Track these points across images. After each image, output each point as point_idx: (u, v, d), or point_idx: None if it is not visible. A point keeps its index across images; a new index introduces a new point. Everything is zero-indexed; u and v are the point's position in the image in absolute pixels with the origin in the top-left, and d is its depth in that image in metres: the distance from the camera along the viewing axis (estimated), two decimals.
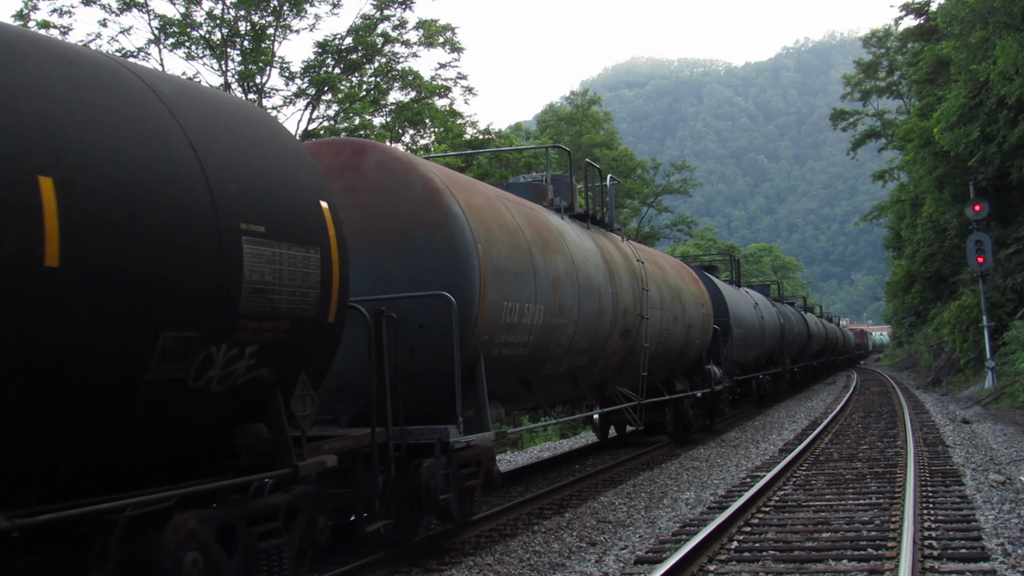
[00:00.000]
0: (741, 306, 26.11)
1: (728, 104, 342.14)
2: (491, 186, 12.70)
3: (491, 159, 39.01)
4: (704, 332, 20.08)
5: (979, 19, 28.32)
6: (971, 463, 14.91)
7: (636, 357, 15.23)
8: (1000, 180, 31.65)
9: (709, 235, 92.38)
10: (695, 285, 20.39)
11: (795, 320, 38.88)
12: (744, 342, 25.84)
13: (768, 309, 31.74)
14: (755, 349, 28.19)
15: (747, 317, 26.49)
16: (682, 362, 19.22)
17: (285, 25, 32.37)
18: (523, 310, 10.60)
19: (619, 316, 14.01)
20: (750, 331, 26.75)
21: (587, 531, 10.87)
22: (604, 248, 14.45)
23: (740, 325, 24.92)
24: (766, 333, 29.78)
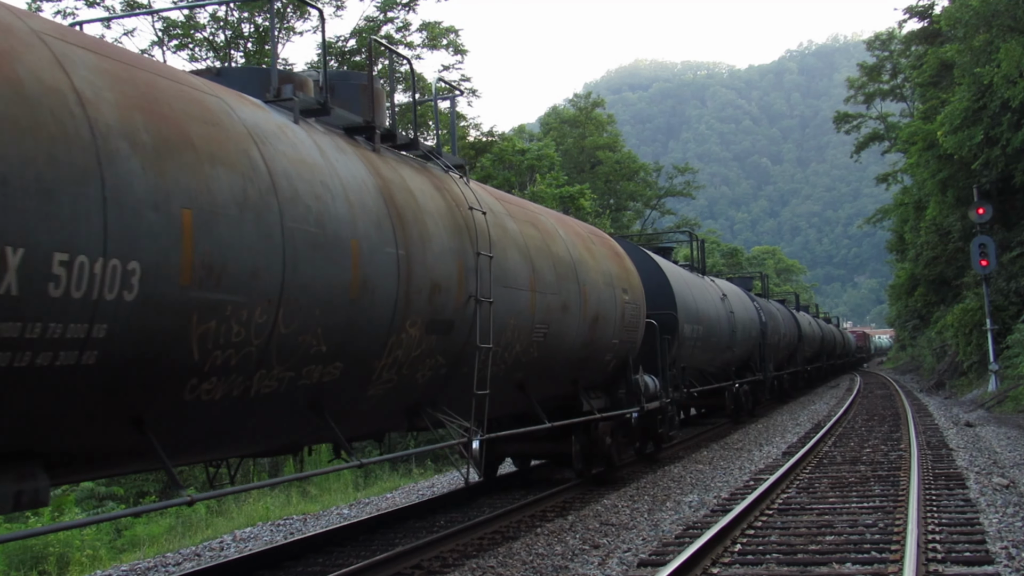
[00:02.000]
0: (700, 297, 21.03)
1: (731, 107, 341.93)
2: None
3: (493, 161, 39.02)
4: (628, 328, 14.68)
5: (983, 22, 28.31)
6: (975, 466, 14.89)
7: (469, 364, 9.76)
8: (1004, 183, 31.65)
9: (712, 238, 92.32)
10: (614, 263, 14.80)
11: (782, 319, 34.43)
12: (705, 344, 20.98)
13: (743, 305, 26.96)
14: (723, 353, 23.42)
15: (709, 312, 21.51)
16: (589, 371, 13.77)
17: (289, 27, 32.42)
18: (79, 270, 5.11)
19: (416, 295, 8.53)
20: (713, 330, 21.75)
21: (590, 533, 10.86)
22: (391, 183, 8.73)
23: (696, 321, 19.95)
24: (738, 333, 24.82)
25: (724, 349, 23.38)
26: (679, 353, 18.46)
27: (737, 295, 26.89)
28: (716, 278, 27.55)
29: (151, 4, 30.46)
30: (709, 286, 23.40)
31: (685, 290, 19.66)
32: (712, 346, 21.91)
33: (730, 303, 24.50)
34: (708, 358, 22.01)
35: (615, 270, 14.62)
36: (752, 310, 27.88)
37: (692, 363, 20.30)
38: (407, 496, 15.32)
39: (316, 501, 16.33)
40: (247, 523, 13.82)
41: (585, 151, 62.47)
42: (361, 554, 10.56)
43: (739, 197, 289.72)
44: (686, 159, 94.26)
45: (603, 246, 15.00)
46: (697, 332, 20.09)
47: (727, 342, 23.54)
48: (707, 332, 21.14)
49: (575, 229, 14.25)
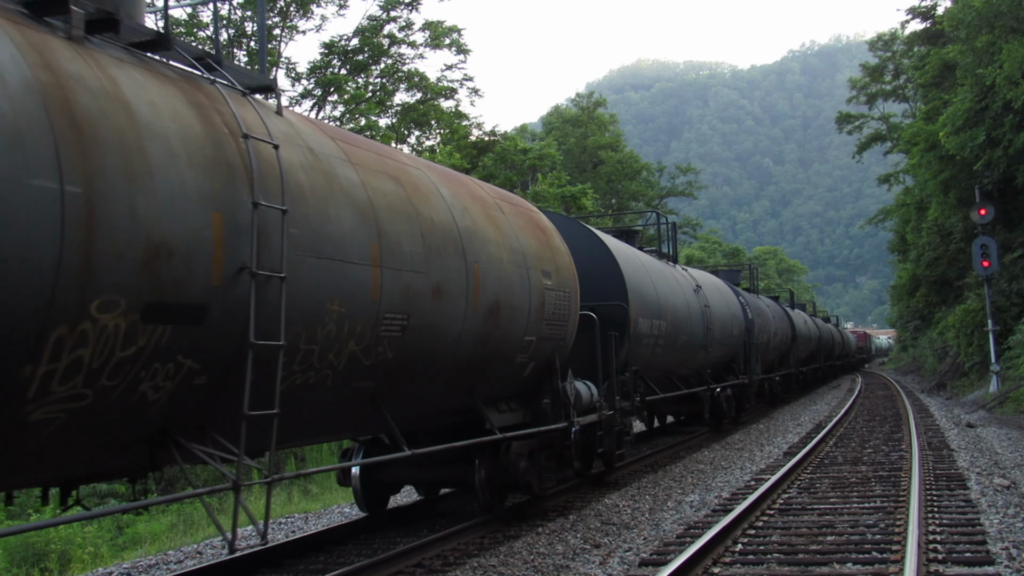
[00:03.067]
0: (664, 288, 17.93)
1: (733, 107, 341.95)
2: None
3: (495, 160, 39.04)
4: (553, 322, 11.66)
5: (985, 23, 28.32)
6: (976, 467, 14.89)
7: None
8: (1006, 184, 31.64)
9: (714, 238, 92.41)
10: (531, 238, 11.64)
11: (773, 317, 31.53)
12: (670, 343, 17.93)
13: (724, 299, 23.77)
14: (696, 353, 20.30)
15: (676, 305, 18.37)
16: (492, 377, 10.80)
17: (292, 26, 32.45)
18: None
19: (111, 261, 5.50)
20: (681, 326, 18.63)
21: (591, 533, 10.87)
22: (75, 83, 5.58)
23: (657, 316, 16.96)
24: (717, 331, 21.69)
25: (697, 349, 20.28)
26: (633, 354, 15.56)
27: (716, 288, 23.66)
28: (691, 268, 24.46)
29: (154, 3, 30.46)
30: (679, 276, 20.30)
31: (643, 278, 16.58)
32: (681, 346, 18.85)
33: (706, 296, 21.36)
34: (676, 359, 19.00)
35: (532, 247, 11.32)
36: (735, 305, 24.77)
37: (652, 365, 17.32)
38: (409, 495, 15.33)
39: (317, 499, 16.35)
40: (248, 521, 13.85)
41: (587, 151, 62.49)
42: (363, 552, 10.58)
43: (741, 197, 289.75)
44: (688, 159, 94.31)
45: (517, 216, 11.64)
46: (658, 329, 16.95)
47: (701, 341, 20.38)
48: (673, 329, 17.93)
49: (472, 191, 10.85)
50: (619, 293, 15.23)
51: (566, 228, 14.57)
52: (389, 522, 12.26)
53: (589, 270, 14.32)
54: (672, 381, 19.54)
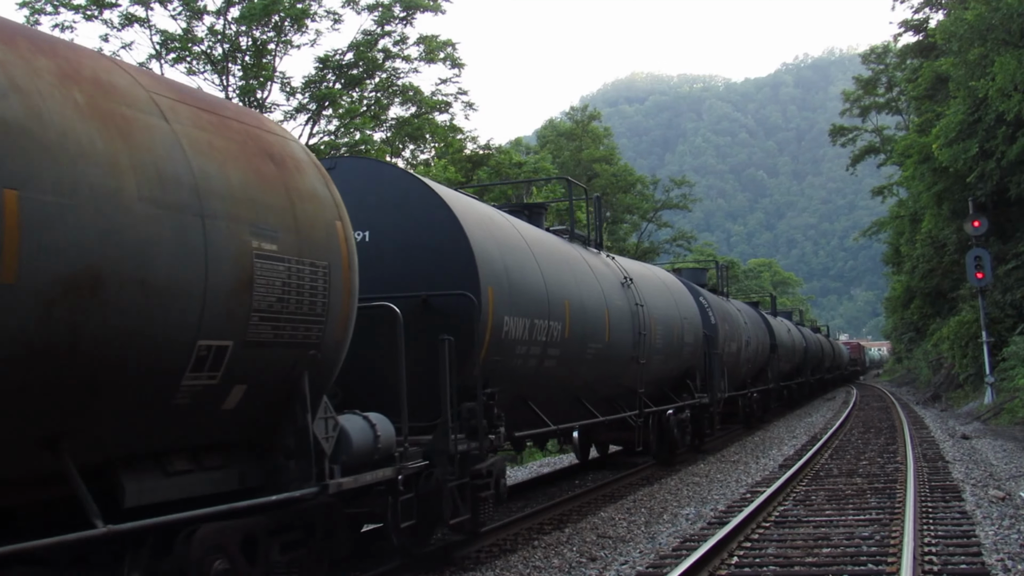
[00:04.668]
0: (557, 276, 12.69)
1: (727, 120, 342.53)
2: None
3: (490, 174, 39.13)
4: (294, 318, 6.92)
5: (978, 36, 28.42)
6: (971, 479, 14.91)
7: None
8: (999, 196, 31.74)
9: (708, 250, 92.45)
10: (240, 167, 6.69)
11: (747, 323, 27.39)
12: (571, 352, 12.78)
13: (673, 299, 19.07)
14: (621, 368, 15.27)
15: (580, 302, 13.23)
16: (112, 411, 5.69)
17: (286, 40, 32.50)
18: None
19: None
20: (593, 331, 13.62)
21: (587, 546, 10.87)
22: None
23: (540, 314, 11.62)
24: (658, 338, 17.06)
25: (624, 362, 15.26)
26: (495, 369, 10.48)
27: (660, 284, 18.91)
28: (624, 258, 19.07)
29: (149, 18, 30.55)
30: (599, 265, 15.22)
31: (517, 260, 11.41)
32: (593, 358, 13.66)
33: (638, 293, 16.33)
34: (586, 376, 13.83)
35: (236, 184, 6.53)
36: (690, 308, 20.27)
37: (540, 385, 12.13)
38: None
39: None
40: None
41: (582, 164, 62.51)
42: (359, 566, 10.56)
43: (735, 210, 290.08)
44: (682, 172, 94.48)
45: (221, 133, 6.74)
46: (546, 333, 11.82)
47: (628, 351, 15.34)
48: (576, 335, 12.88)
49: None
50: (464, 277, 9.97)
51: (368, 176, 10.50)
52: None
53: (414, 242, 10.11)
54: (583, 405, 13.98)
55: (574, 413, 13.92)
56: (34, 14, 29.42)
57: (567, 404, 13.61)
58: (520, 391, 11.66)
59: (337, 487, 7.35)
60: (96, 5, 29.78)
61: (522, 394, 11.78)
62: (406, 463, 8.53)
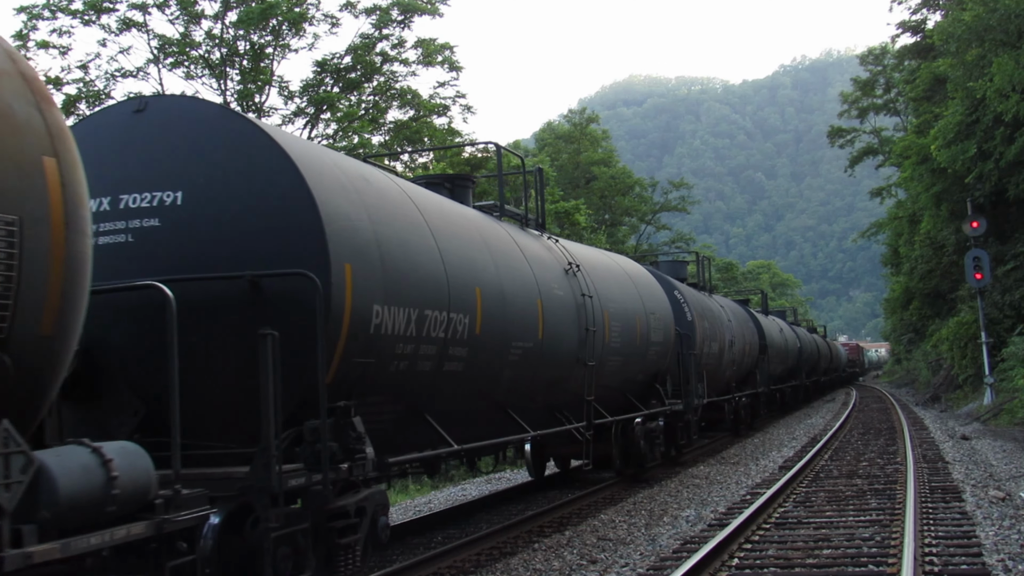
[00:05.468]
0: (467, 257, 10.23)
1: (726, 122, 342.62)
2: None
3: (489, 177, 39.08)
4: None
5: (975, 37, 28.42)
6: (971, 479, 14.91)
7: None
8: (997, 197, 31.73)
9: (707, 252, 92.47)
10: None
11: (730, 321, 25.03)
12: (476, 354, 10.03)
13: (634, 292, 16.22)
14: (567, 372, 12.80)
15: (500, 289, 10.70)
16: None
17: (284, 44, 32.53)
18: None
19: None
20: (521, 328, 11.16)
21: (588, 549, 10.86)
22: None
23: (436, 304, 9.19)
24: (609, 335, 14.29)
25: (563, 365, 12.57)
26: (365, 374, 8.14)
27: (620, 275, 16.23)
28: (571, 242, 15.96)
29: (147, 23, 30.56)
30: (530, 247, 12.59)
31: (405, 232, 9.01)
32: (518, 358, 11.01)
33: (587, 282, 13.70)
34: (509, 382, 11.08)
35: None
36: (660, 303, 17.58)
37: (435, 393, 9.47)
38: (403, 512, 15.30)
39: None
40: None
41: (580, 166, 62.55)
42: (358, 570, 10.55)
43: (734, 212, 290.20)
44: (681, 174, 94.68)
45: None
46: (450, 329, 9.33)
47: (571, 351, 12.75)
48: (495, 330, 10.36)
49: None
50: (306, 251, 7.44)
51: (186, 119, 7.96)
52: None
53: (242, 205, 7.57)
54: (510, 417, 11.29)
55: (498, 427, 11.16)
56: (32, 19, 29.43)
57: (487, 416, 10.97)
58: (410, 402, 9.00)
59: (24, 560, 4.53)
60: (94, 10, 29.80)
61: (415, 406, 9.11)
62: (175, 513, 5.73)
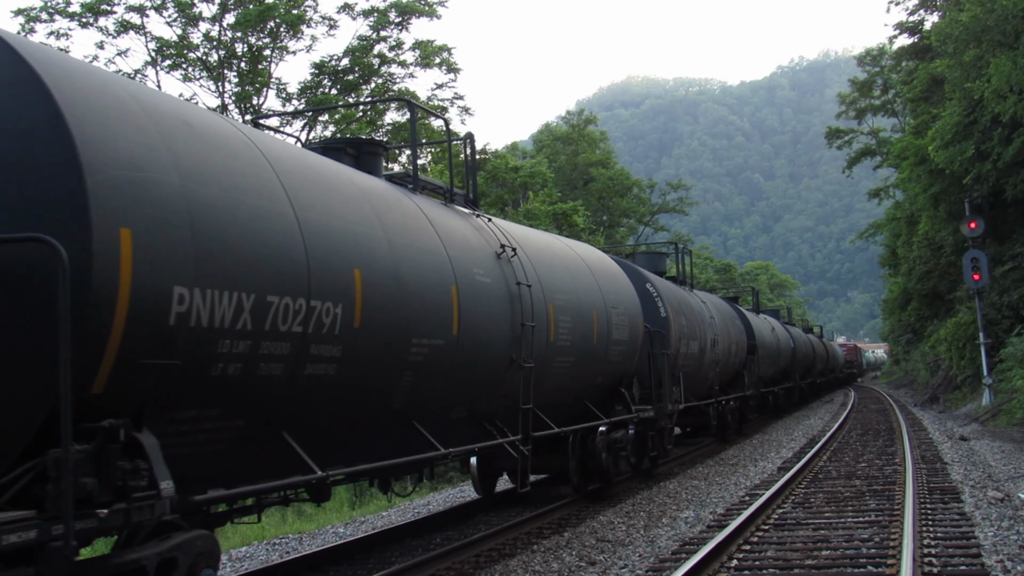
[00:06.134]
0: (370, 238, 8.30)
1: (723, 123, 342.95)
2: None
3: (486, 178, 39.07)
4: None
5: (973, 37, 28.44)
6: (969, 480, 14.91)
7: None
8: (995, 198, 31.74)
9: (705, 253, 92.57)
10: None
11: (713, 319, 22.94)
12: (351, 356, 7.70)
13: (590, 281, 13.97)
14: (497, 376, 10.57)
15: (408, 273, 8.72)
16: None
17: (282, 46, 32.51)
18: None
19: None
20: (422, 319, 8.88)
21: (586, 550, 10.86)
22: None
23: (291, 289, 6.93)
24: (562, 334, 12.29)
25: (490, 367, 10.36)
26: (172, 380, 6.03)
27: (574, 261, 14.01)
28: (507, 222, 13.47)
29: (144, 25, 30.55)
30: (449, 224, 10.35)
31: (240, 192, 6.79)
32: (423, 359, 8.84)
33: (526, 268, 11.53)
34: (410, 388, 8.84)
35: None
36: (628, 296, 15.49)
37: (295, 405, 7.27)
38: (403, 514, 15.29)
39: (311, 520, 16.29)
40: (243, 542, 13.78)
41: (578, 168, 62.62)
42: (357, 573, 10.56)
43: (732, 213, 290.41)
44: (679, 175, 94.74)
45: None
46: (313, 322, 7.19)
47: (501, 350, 10.50)
48: (382, 323, 8.15)
49: None
50: (53, 207, 5.37)
51: None
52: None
53: None
54: (416, 431, 9.11)
55: (401, 443, 9.05)
56: (29, 22, 29.42)
57: (384, 431, 8.89)
58: (256, 417, 6.87)
59: None
60: (92, 13, 29.79)
61: (266, 422, 7.03)
62: None
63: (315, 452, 7.50)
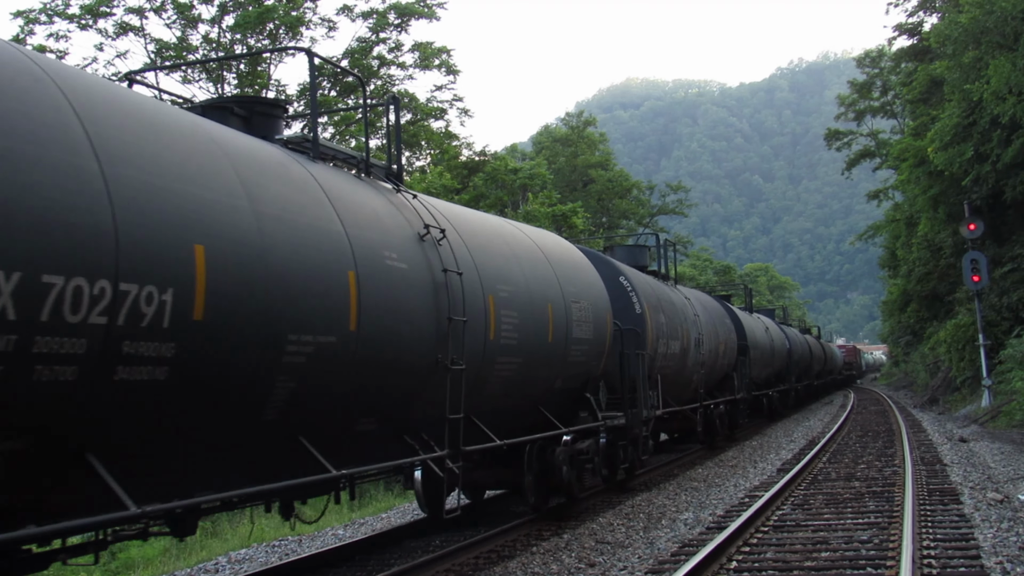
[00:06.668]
0: (225, 208, 6.60)
1: (723, 125, 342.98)
2: None
3: (486, 180, 39.10)
4: None
5: (972, 39, 28.47)
6: (969, 482, 14.90)
7: None
8: (994, 199, 31.74)
9: (705, 255, 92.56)
10: None
11: (698, 316, 21.45)
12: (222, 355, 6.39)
13: (557, 273, 12.66)
14: (426, 384, 9.04)
15: (285, 254, 7.06)
16: None
17: (281, 48, 32.51)
18: None
19: None
20: (300, 311, 7.12)
21: (586, 552, 10.85)
22: None
23: (90, 269, 5.34)
24: (476, 331, 9.94)
25: (408, 371, 8.77)
26: None
27: (525, 247, 12.31)
28: (448, 203, 12.10)
29: (143, 27, 30.56)
30: (354, 197, 8.77)
31: (23, 133, 5.20)
32: (305, 360, 7.20)
33: (456, 253, 9.93)
34: (289, 399, 7.17)
35: None
36: (594, 290, 13.92)
37: (84, 419, 5.54)
38: (403, 516, 15.28)
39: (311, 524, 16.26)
40: (241, 544, 13.78)
41: (577, 170, 62.63)
42: (356, 575, 10.55)
43: (731, 215, 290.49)
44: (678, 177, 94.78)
45: None
46: (123, 314, 5.53)
47: (421, 350, 8.94)
48: (250, 322, 6.57)
49: None
50: None
51: None
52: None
53: None
54: (302, 448, 7.53)
55: (277, 466, 7.47)
56: (28, 23, 29.42)
57: (251, 451, 7.19)
58: (44, 435, 5.39)
59: None
60: (91, 14, 29.80)
61: (60, 441, 5.51)
62: None
63: (144, 479, 6.06)
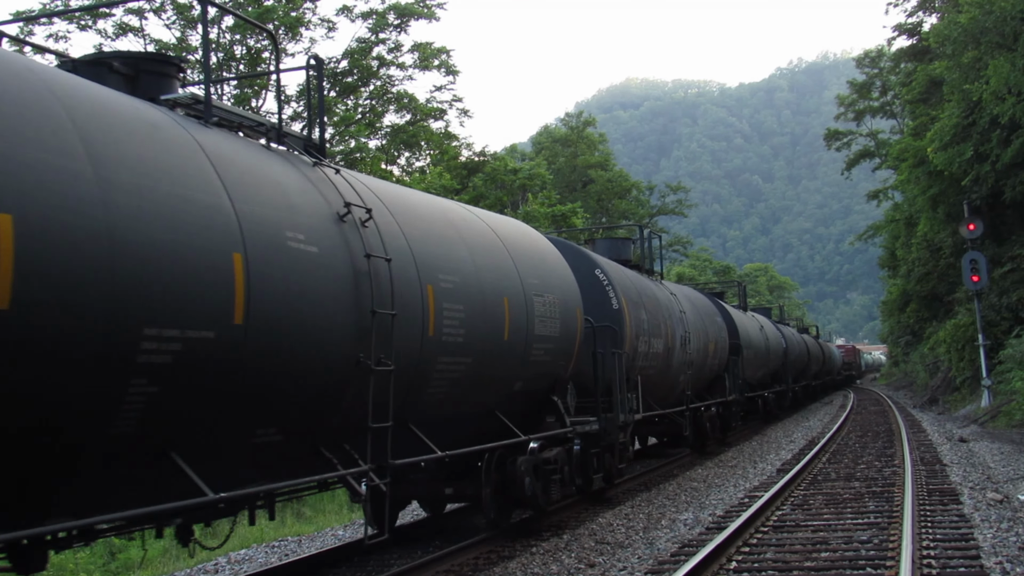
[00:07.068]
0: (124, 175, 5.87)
1: (722, 125, 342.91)
2: None
3: (485, 180, 39.11)
4: None
5: (971, 39, 28.48)
6: (968, 482, 14.90)
7: None
8: (994, 199, 31.76)
9: (705, 255, 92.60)
10: None
11: (686, 314, 20.13)
12: (30, 352, 5.21)
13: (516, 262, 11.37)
14: (344, 391, 7.93)
15: (134, 232, 5.77)
16: None
17: (280, 49, 32.50)
18: None
19: None
20: (152, 302, 5.86)
21: (586, 552, 10.85)
22: None
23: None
24: (408, 327, 8.63)
25: (318, 371, 7.56)
26: None
27: (475, 231, 10.95)
28: (386, 182, 10.98)
29: (143, 27, 30.55)
30: (263, 168, 7.59)
31: None
32: (178, 363, 6.08)
33: (385, 236, 8.67)
34: (145, 410, 5.94)
35: None
36: (564, 282, 12.72)
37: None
38: (403, 516, 15.28)
39: (311, 522, 16.26)
40: (241, 545, 13.77)
41: (577, 170, 62.67)
42: (356, 575, 10.55)
43: (731, 215, 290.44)
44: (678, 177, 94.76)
45: None
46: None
47: (339, 350, 7.79)
48: (88, 313, 5.42)
49: None
50: None
51: None
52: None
53: None
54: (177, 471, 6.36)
55: (150, 486, 6.45)
56: (27, 24, 29.38)
57: (103, 471, 6.08)
58: None
59: None
60: (90, 15, 29.78)
61: None
62: None
63: None
